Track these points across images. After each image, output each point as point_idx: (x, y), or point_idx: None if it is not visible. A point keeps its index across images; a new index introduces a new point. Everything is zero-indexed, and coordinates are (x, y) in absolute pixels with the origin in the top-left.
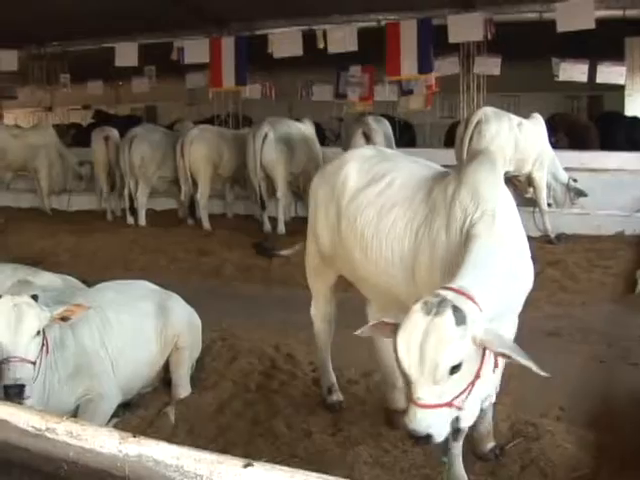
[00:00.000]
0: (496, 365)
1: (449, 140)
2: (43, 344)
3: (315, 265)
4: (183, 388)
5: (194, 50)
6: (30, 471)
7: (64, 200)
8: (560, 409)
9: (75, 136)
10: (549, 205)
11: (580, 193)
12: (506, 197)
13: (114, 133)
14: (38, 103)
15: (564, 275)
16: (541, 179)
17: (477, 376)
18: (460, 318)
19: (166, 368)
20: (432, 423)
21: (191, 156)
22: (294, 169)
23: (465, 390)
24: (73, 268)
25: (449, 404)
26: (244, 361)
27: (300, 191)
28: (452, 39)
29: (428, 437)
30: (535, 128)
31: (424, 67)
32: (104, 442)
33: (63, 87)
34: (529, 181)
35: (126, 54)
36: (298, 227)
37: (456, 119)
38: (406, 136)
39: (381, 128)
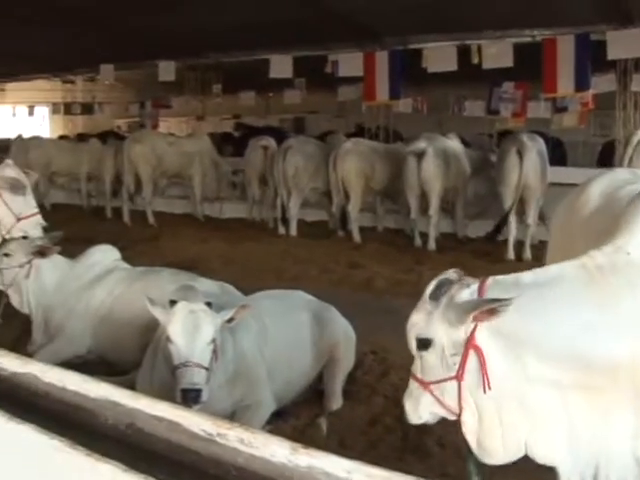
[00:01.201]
0: (487, 385)
1: (603, 159)
2: (214, 350)
3: None
4: (335, 400)
5: (348, 63)
6: (199, 473)
7: (216, 207)
8: None
9: (229, 147)
10: None
11: None
12: None
13: (272, 143)
14: (191, 112)
15: None
16: None
17: (460, 376)
18: (437, 293)
19: (319, 379)
20: (407, 396)
21: (344, 169)
22: (448, 185)
23: (444, 382)
24: (226, 275)
25: (424, 384)
26: (395, 376)
27: (449, 207)
28: (611, 55)
29: (402, 409)
30: None
31: (581, 84)
32: (275, 451)
33: (215, 97)
34: None
35: (281, 66)
36: (447, 244)
37: (610, 137)
38: (557, 154)
39: (535, 146)
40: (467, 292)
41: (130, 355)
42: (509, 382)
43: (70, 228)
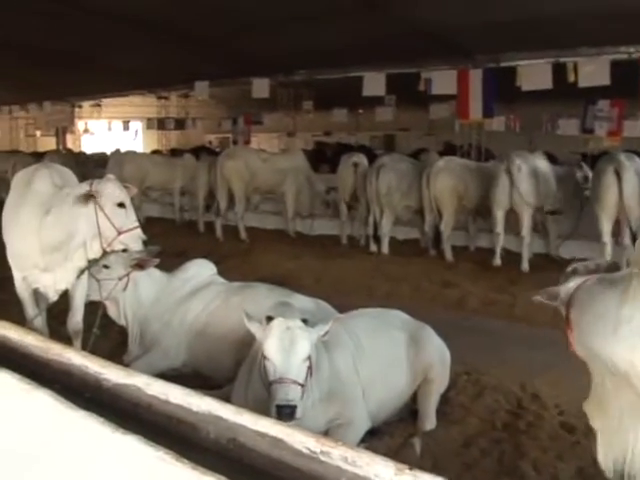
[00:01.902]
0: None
1: None
2: (309, 367)
3: None
4: (429, 420)
5: (442, 81)
6: None
7: (307, 224)
8: None
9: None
10: None
11: None
12: None
13: (363, 160)
14: (282, 128)
15: None
16: None
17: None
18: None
19: (413, 398)
20: None
21: (437, 187)
22: (538, 204)
23: None
24: (317, 292)
25: None
26: (489, 398)
27: (538, 227)
28: None
29: None
30: None
31: None
32: (379, 471)
33: (307, 113)
34: None
35: (374, 84)
36: (540, 263)
37: None
38: None
39: (633, 166)
40: (572, 281)
41: (225, 369)
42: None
43: (163, 242)
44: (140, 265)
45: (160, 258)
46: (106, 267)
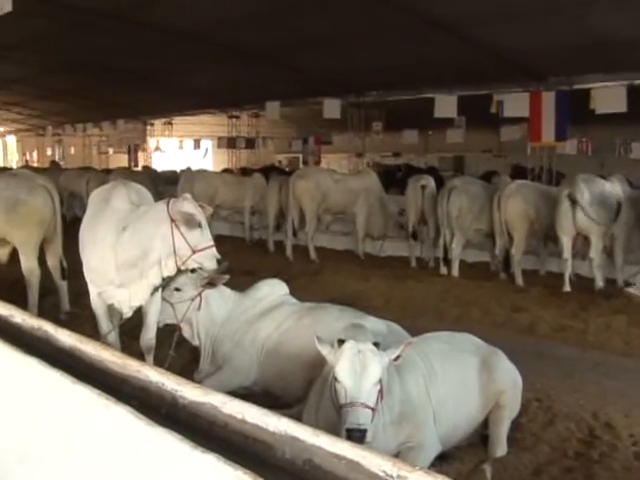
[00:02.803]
0: None
1: None
2: (380, 390)
3: None
4: (500, 446)
5: (514, 104)
6: None
7: (376, 245)
8: None
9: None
10: None
11: None
12: None
13: (431, 182)
14: (351, 149)
15: None
16: None
17: None
18: None
19: (484, 424)
20: None
21: (508, 210)
22: (606, 229)
23: None
24: (387, 313)
25: None
26: (561, 425)
27: (608, 252)
28: None
29: None
30: None
31: None
32: None
33: (376, 134)
34: None
35: (445, 106)
36: (613, 290)
37: None
38: None
39: None
40: None
41: (295, 389)
42: None
43: (233, 260)
44: (211, 283)
45: (229, 275)
46: (177, 290)
